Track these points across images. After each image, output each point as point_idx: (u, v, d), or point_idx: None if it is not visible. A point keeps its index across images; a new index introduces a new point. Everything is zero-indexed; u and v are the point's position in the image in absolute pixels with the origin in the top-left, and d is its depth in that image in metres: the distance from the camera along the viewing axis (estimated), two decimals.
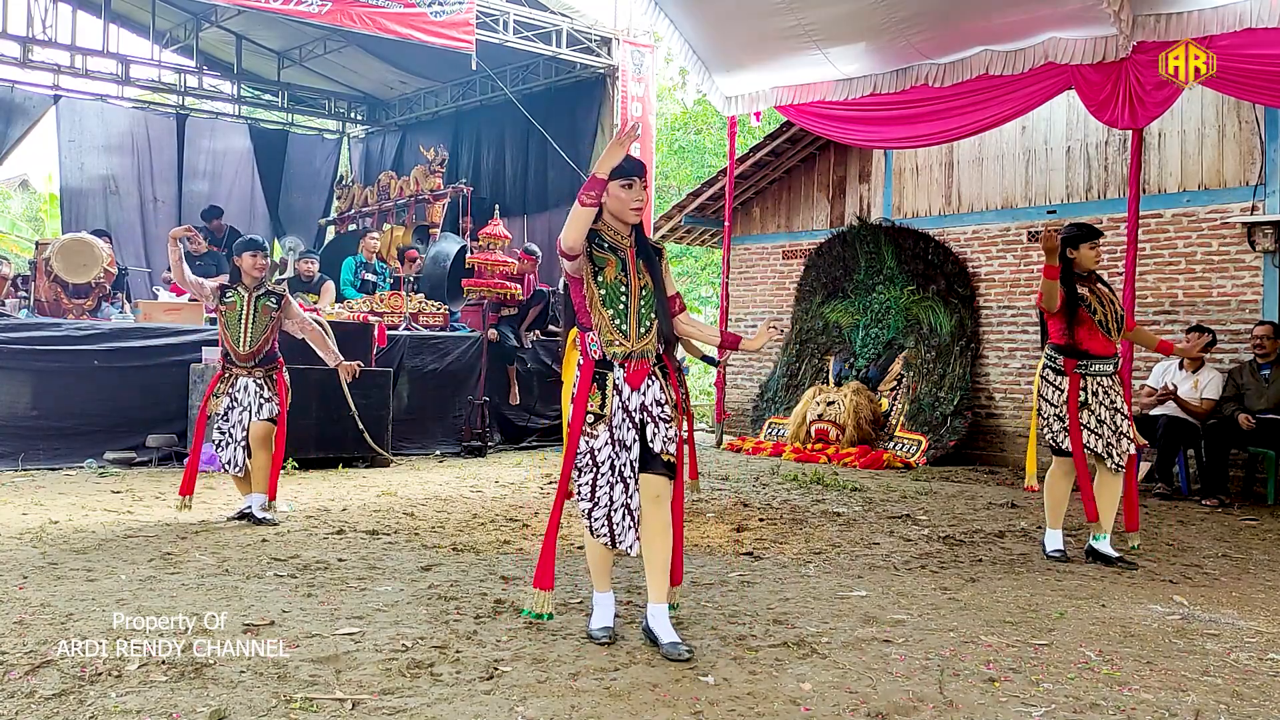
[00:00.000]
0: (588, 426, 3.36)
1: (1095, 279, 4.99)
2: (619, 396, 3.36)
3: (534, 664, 3.14)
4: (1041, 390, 5.03)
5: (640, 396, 3.38)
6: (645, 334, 3.38)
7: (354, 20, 9.74)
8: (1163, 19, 6.85)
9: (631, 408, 3.37)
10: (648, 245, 3.48)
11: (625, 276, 3.38)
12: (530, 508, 6.22)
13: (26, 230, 21.60)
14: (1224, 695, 3.02)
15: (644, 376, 3.38)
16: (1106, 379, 4.91)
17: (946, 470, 8.53)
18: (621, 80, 12.37)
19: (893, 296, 9.81)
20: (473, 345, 9.45)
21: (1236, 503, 7.01)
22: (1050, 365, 5.00)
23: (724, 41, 9.05)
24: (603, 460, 3.34)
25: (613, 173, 3.32)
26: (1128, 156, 7.97)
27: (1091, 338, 4.87)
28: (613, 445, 3.35)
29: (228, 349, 5.44)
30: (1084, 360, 4.89)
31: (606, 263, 3.36)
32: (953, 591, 4.27)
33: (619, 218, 3.40)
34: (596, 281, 3.35)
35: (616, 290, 3.36)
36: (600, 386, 3.37)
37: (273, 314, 5.51)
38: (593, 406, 3.36)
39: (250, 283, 5.49)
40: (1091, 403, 4.88)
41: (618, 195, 3.36)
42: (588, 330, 3.39)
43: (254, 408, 5.42)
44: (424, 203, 12.41)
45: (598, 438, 3.35)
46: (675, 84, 23.83)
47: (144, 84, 15.32)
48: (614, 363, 3.36)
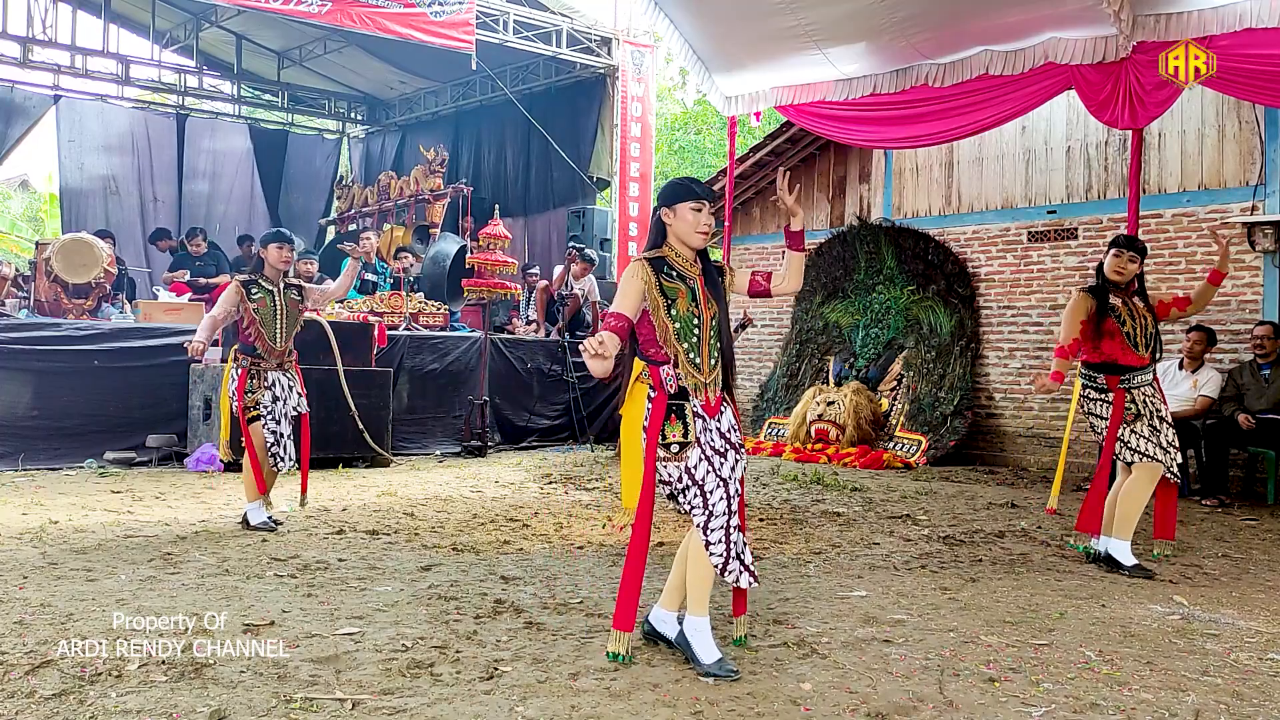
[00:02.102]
0: (673, 456, 3.21)
1: (1134, 291, 4.84)
2: (700, 422, 3.24)
3: (534, 664, 3.14)
4: (1089, 409, 4.85)
5: (716, 424, 3.26)
6: (715, 365, 3.28)
7: (354, 20, 9.74)
8: (1163, 19, 6.84)
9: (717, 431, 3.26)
10: (713, 270, 3.37)
11: (696, 307, 3.26)
12: (530, 508, 6.22)
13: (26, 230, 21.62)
14: (1224, 695, 3.02)
15: (719, 407, 3.28)
16: (1149, 388, 4.79)
17: (946, 470, 8.53)
18: (621, 80, 12.38)
19: (893, 296, 9.81)
20: (473, 345, 9.45)
21: (1236, 503, 7.01)
22: (1091, 386, 4.84)
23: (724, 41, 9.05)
24: (701, 475, 3.19)
25: (685, 195, 3.24)
26: (1128, 156, 7.96)
27: (1124, 352, 4.72)
28: (708, 460, 3.21)
29: (261, 345, 5.33)
30: (1126, 374, 4.75)
31: (678, 294, 3.23)
32: (953, 591, 4.27)
33: (685, 241, 3.28)
34: (670, 315, 3.21)
35: (690, 324, 3.23)
36: (680, 416, 3.23)
37: (300, 306, 5.52)
38: (674, 436, 3.21)
39: (275, 276, 5.45)
40: (1144, 412, 4.74)
41: (685, 218, 3.24)
42: (659, 364, 3.24)
43: (291, 400, 5.43)
44: (424, 203, 12.42)
45: (689, 458, 3.20)
46: (675, 84, 23.84)
47: (144, 84, 15.34)
48: (689, 395, 3.24)
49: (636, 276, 3.21)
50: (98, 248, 8.35)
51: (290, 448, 5.40)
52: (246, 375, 5.34)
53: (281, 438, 5.36)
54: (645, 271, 3.22)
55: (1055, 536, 5.59)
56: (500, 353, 9.70)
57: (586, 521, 5.78)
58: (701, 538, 3.16)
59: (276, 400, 5.37)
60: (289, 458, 5.38)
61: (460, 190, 12.26)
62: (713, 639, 3.17)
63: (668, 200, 3.30)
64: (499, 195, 13.01)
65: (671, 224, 3.28)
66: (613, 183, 12.60)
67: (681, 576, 3.31)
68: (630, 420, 3.31)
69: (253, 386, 5.35)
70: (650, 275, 3.22)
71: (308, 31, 13.69)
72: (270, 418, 5.33)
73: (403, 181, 12.81)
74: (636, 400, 3.32)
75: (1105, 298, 4.78)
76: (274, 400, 5.36)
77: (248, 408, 5.32)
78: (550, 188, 13.47)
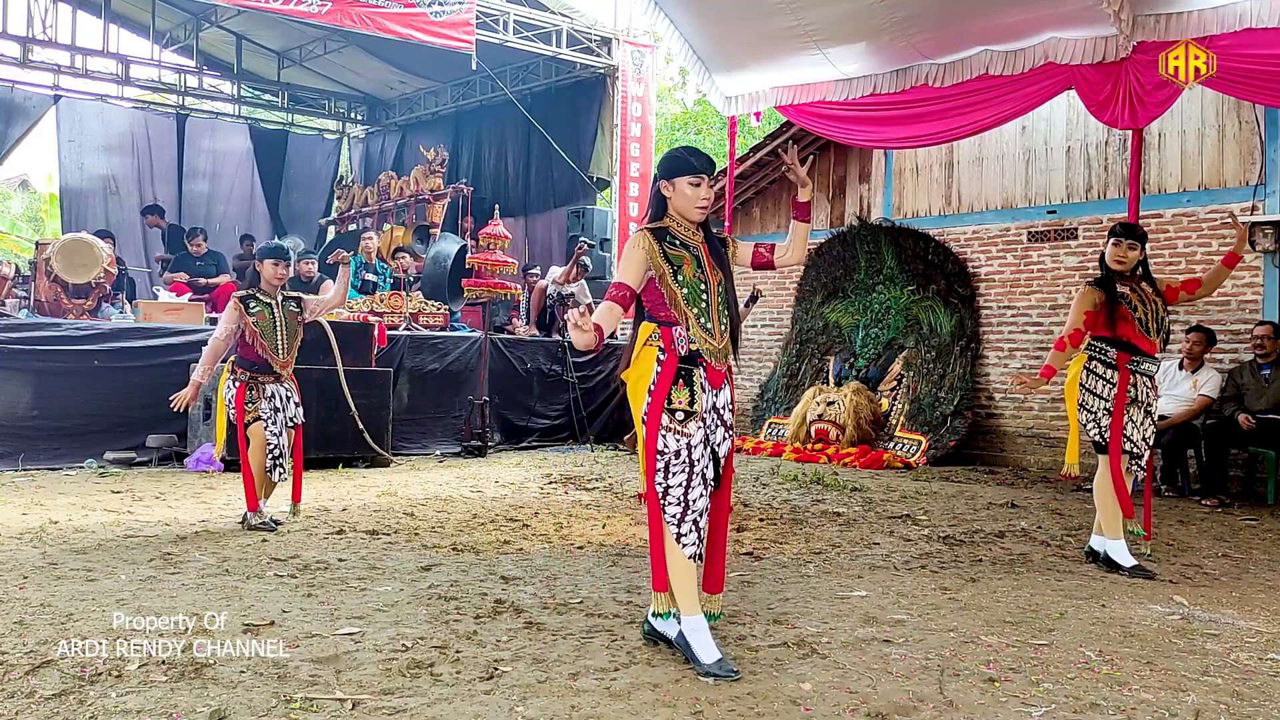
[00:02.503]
0: (677, 424, 3.15)
1: (1140, 278, 4.84)
2: (705, 394, 3.22)
3: (534, 664, 3.14)
4: (1088, 383, 4.79)
5: (714, 398, 3.25)
6: (724, 331, 3.27)
7: (354, 20, 9.74)
8: (1163, 19, 6.84)
9: (713, 406, 3.25)
10: (715, 239, 3.37)
11: (702, 273, 3.25)
12: (530, 508, 6.22)
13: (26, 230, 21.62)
14: (1224, 695, 3.02)
15: (723, 379, 3.27)
16: (1150, 379, 4.79)
17: (946, 470, 8.53)
18: (621, 80, 12.38)
19: (893, 296, 9.81)
20: (473, 345, 9.45)
21: (1236, 503, 7.00)
22: (1099, 358, 4.78)
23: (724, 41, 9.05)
24: (697, 459, 3.16)
25: (682, 169, 3.24)
26: (1128, 156, 7.96)
27: (1139, 337, 4.70)
28: (705, 445, 3.19)
29: (264, 358, 5.34)
30: (1135, 356, 4.73)
31: (683, 260, 3.23)
32: (953, 591, 4.27)
33: (684, 215, 3.28)
34: (677, 281, 3.19)
35: (697, 289, 3.22)
36: (688, 382, 3.18)
37: (298, 318, 5.54)
38: (681, 403, 3.17)
39: (271, 290, 5.48)
40: (1141, 399, 4.74)
41: (684, 192, 3.25)
42: (670, 324, 3.20)
43: (288, 410, 5.46)
44: (424, 203, 12.42)
45: (693, 435, 3.15)
46: (675, 84, 23.85)
47: (144, 84, 15.34)
48: (699, 361, 3.21)
49: (639, 246, 3.21)
50: (98, 248, 8.35)
51: (287, 459, 5.44)
52: (245, 389, 5.37)
53: (280, 447, 5.39)
54: (647, 240, 3.22)
55: (1055, 536, 5.59)
56: (500, 353, 9.70)
57: (586, 521, 5.78)
58: (673, 530, 3.15)
59: (276, 410, 5.40)
60: (285, 469, 5.43)
61: (460, 190, 12.26)
62: (712, 639, 3.16)
63: (666, 173, 3.29)
64: (499, 195, 13.02)
65: (671, 197, 3.29)
66: (613, 183, 12.60)
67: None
68: (635, 385, 3.27)
69: (251, 398, 5.39)
70: (653, 243, 3.21)
71: (308, 31, 13.69)
72: (270, 425, 5.35)
73: (403, 181, 12.81)
74: (644, 363, 3.23)
75: (1112, 287, 4.78)
76: (273, 410, 5.39)
77: (246, 416, 5.36)
78: (550, 188, 13.47)
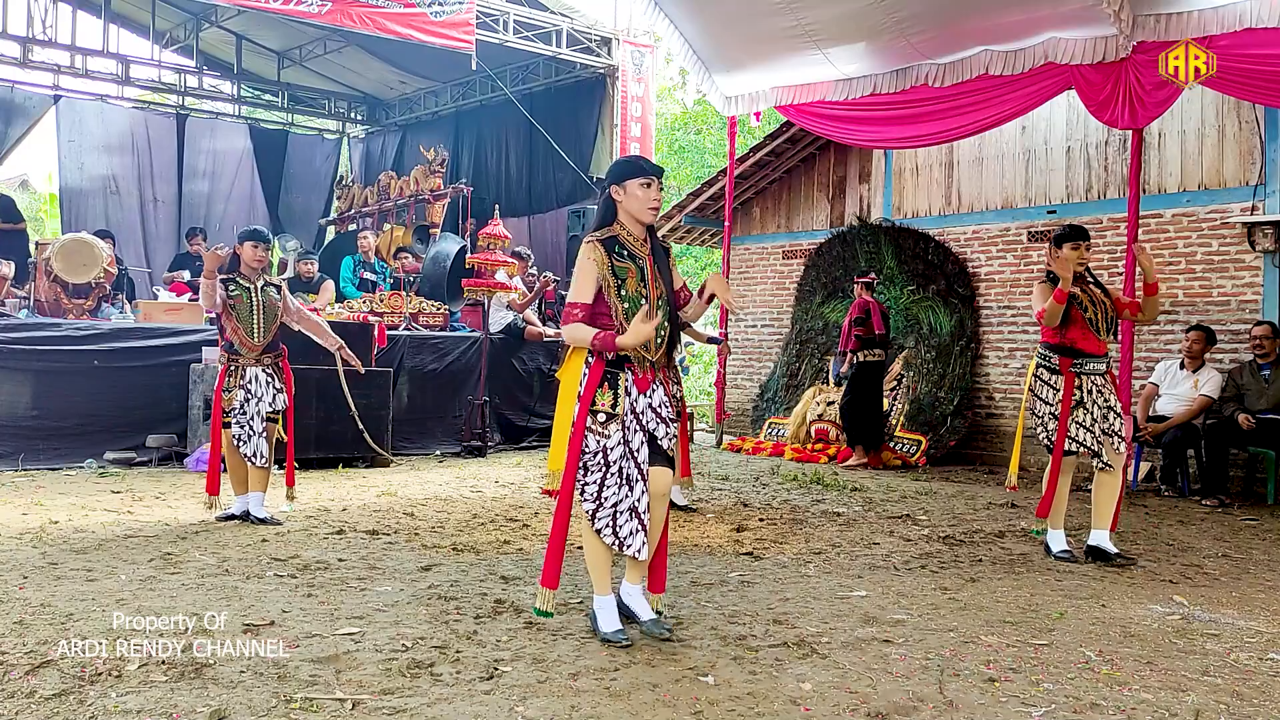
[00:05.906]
0: (599, 425, 3.34)
1: (1086, 279, 5.00)
2: (629, 398, 3.36)
3: (534, 664, 3.14)
4: (1035, 389, 5.04)
5: (647, 399, 3.39)
6: (661, 344, 3.41)
7: (354, 20, 9.74)
8: (1163, 19, 6.85)
9: (639, 409, 3.38)
10: (659, 247, 3.49)
11: (644, 288, 3.38)
12: (530, 508, 6.22)
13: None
14: (1224, 695, 3.02)
15: (651, 382, 3.39)
16: (1100, 378, 4.95)
17: (946, 470, 8.53)
18: (621, 80, 12.37)
19: (893, 296, 9.81)
20: (473, 345, 9.45)
21: (1236, 503, 7.01)
22: (1045, 365, 5.01)
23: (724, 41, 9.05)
24: (614, 460, 3.32)
25: (634, 172, 3.34)
26: (1128, 156, 7.97)
27: (1084, 337, 4.90)
28: (624, 446, 3.34)
29: (239, 341, 5.41)
30: (1079, 359, 4.91)
31: (628, 274, 3.36)
32: (953, 591, 4.27)
33: (636, 218, 3.40)
34: (620, 296, 3.34)
35: (638, 304, 3.34)
36: (612, 386, 3.36)
37: (277, 304, 5.56)
38: (604, 405, 3.34)
39: (250, 274, 5.50)
40: (1086, 401, 4.90)
41: (636, 194, 3.36)
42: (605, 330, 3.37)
43: (267, 397, 5.45)
44: (424, 203, 12.41)
45: (610, 437, 3.33)
46: (675, 84, 23.83)
47: (144, 84, 15.32)
48: (625, 366, 3.36)
49: (590, 259, 3.36)
50: (98, 248, 8.35)
51: (263, 447, 5.41)
52: (225, 372, 5.42)
53: (252, 435, 5.38)
54: (598, 253, 3.35)
55: None
56: (500, 353, 9.70)
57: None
58: (590, 524, 3.36)
59: (249, 399, 5.40)
60: (261, 456, 5.40)
61: (460, 190, 12.25)
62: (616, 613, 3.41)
63: (617, 178, 3.41)
64: (499, 195, 13.00)
65: (622, 201, 3.40)
66: None
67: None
68: (566, 384, 3.46)
69: (229, 385, 5.40)
70: (603, 256, 3.35)
71: (308, 31, 13.68)
72: (238, 411, 5.37)
73: (403, 181, 12.80)
74: (573, 365, 3.48)
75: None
76: (245, 399, 5.39)
77: (225, 409, 5.39)
78: (551, 188, 13.46)
